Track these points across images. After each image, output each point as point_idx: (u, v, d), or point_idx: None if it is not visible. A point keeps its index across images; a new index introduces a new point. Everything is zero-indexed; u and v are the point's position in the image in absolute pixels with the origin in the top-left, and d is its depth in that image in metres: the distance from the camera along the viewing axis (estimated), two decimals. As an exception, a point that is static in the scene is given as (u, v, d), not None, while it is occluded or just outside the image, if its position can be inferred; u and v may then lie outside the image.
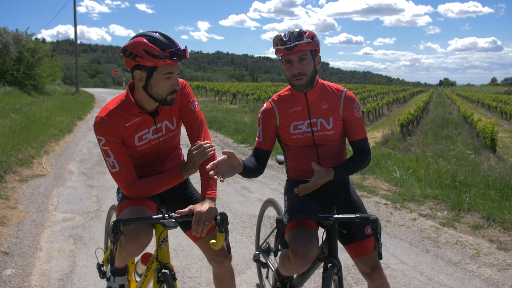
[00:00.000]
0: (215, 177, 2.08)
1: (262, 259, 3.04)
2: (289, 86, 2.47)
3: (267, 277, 3.19)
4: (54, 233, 4.51)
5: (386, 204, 5.74)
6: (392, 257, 4.04)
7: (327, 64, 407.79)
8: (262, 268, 3.25)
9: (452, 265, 3.90)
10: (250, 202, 5.70)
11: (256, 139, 2.55)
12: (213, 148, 2.29)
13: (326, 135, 2.43)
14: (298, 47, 2.25)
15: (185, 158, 2.60)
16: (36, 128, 10.70)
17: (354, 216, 2.12)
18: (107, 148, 2.19)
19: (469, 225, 4.93)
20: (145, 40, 2.04)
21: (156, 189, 2.28)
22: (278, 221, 2.04)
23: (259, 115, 2.52)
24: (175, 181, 2.30)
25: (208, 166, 2.08)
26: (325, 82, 2.50)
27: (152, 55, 2.02)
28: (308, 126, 2.42)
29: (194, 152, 2.25)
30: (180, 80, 2.32)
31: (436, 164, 8.30)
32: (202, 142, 2.28)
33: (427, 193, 6.04)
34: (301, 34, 2.26)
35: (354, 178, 7.06)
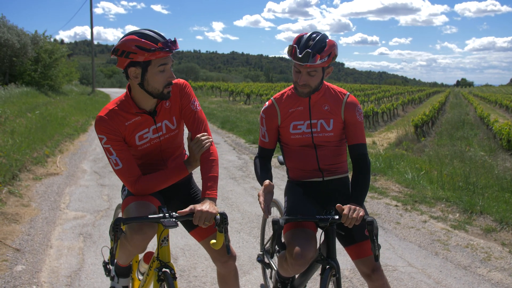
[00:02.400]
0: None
1: (265, 259, 3.04)
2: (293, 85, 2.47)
3: (271, 278, 3.18)
4: (65, 231, 4.58)
5: (396, 205, 5.68)
6: (400, 259, 4.00)
7: (342, 64, 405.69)
8: (266, 269, 3.25)
9: (461, 269, 3.83)
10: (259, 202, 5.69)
11: (261, 138, 2.54)
12: (210, 139, 2.31)
13: (326, 136, 2.42)
14: (310, 65, 2.22)
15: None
16: (52, 127, 10.89)
17: None
18: (109, 146, 2.22)
19: (481, 228, 4.84)
20: (135, 36, 2.07)
21: (161, 184, 2.30)
22: (274, 222, 2.04)
23: (262, 114, 2.52)
24: (180, 175, 2.32)
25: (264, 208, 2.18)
26: (330, 84, 2.49)
27: (145, 50, 2.05)
28: (308, 126, 2.42)
29: (192, 146, 2.29)
30: (180, 80, 2.34)
31: (449, 165, 8.18)
32: (198, 135, 2.30)
33: (439, 195, 5.96)
34: (314, 53, 2.19)
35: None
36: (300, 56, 2.21)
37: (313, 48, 2.20)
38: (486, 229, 4.78)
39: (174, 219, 2.04)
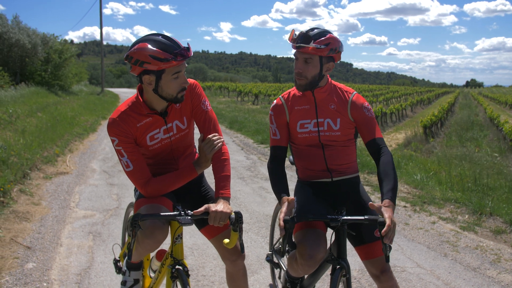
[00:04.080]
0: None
1: (275, 259, 3.04)
2: None
3: (279, 278, 3.19)
4: (75, 229, 4.63)
5: (405, 206, 5.65)
6: (408, 260, 3.99)
7: (351, 65, 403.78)
8: (275, 269, 3.26)
9: (470, 270, 3.81)
10: (267, 202, 5.71)
11: (272, 137, 2.50)
12: (222, 140, 2.33)
13: (333, 135, 2.41)
14: (304, 49, 2.24)
15: None
16: (62, 127, 11.00)
17: (362, 218, 2.10)
18: (120, 148, 2.25)
19: (490, 229, 4.81)
20: (149, 45, 2.06)
21: (171, 185, 2.32)
22: (285, 222, 2.04)
23: (270, 112, 2.52)
24: (189, 176, 2.33)
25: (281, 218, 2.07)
26: (337, 83, 2.49)
27: (159, 59, 2.04)
28: (315, 125, 2.41)
29: (204, 146, 2.30)
30: (191, 80, 2.35)
31: (458, 166, 8.12)
32: (210, 136, 2.31)
33: (448, 196, 5.92)
34: (309, 37, 2.22)
35: (373, 180, 6.99)
36: (295, 37, 2.26)
37: (311, 33, 2.25)
38: (496, 230, 4.74)
39: (189, 217, 2.07)
